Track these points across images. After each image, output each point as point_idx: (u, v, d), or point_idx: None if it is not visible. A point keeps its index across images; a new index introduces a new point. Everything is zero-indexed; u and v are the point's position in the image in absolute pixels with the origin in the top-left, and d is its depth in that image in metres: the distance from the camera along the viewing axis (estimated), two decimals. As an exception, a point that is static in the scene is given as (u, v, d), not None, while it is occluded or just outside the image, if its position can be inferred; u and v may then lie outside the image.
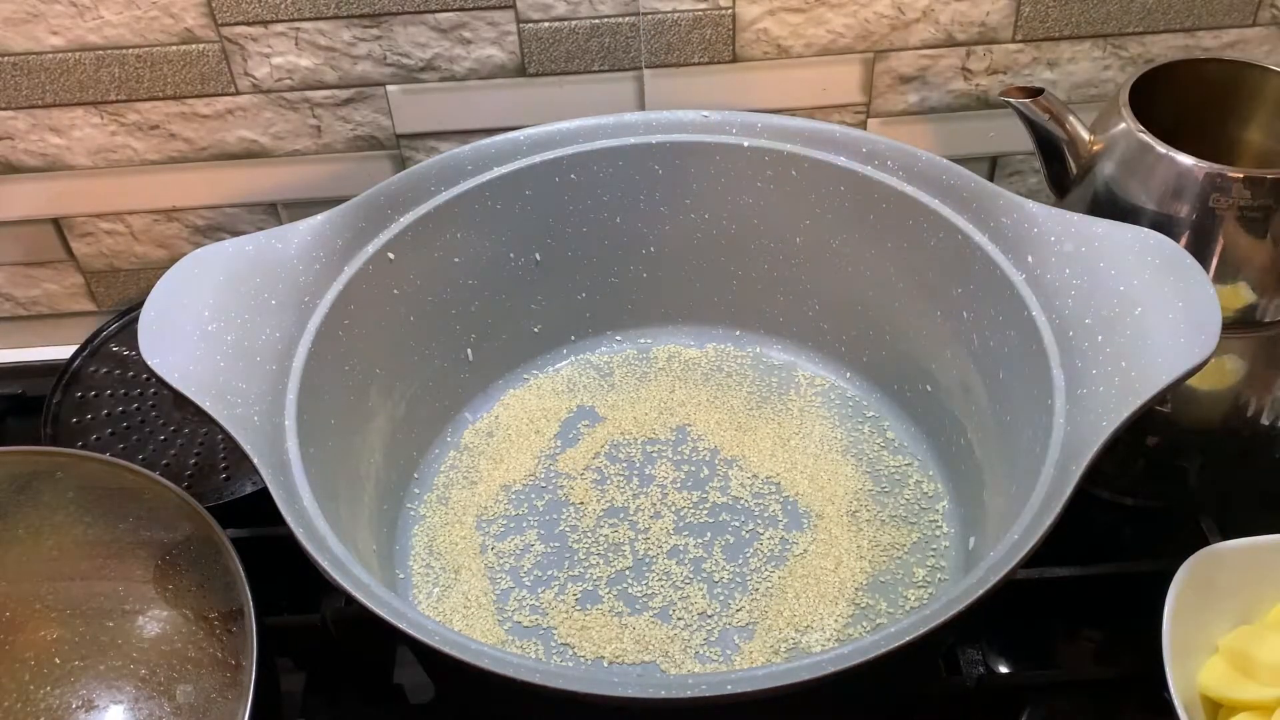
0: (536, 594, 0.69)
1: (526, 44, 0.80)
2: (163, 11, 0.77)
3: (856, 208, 0.72)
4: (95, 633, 0.58)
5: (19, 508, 0.64)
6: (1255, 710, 0.59)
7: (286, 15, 0.78)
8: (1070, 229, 0.64)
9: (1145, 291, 0.60)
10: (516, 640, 0.67)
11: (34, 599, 0.60)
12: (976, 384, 0.69)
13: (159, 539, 0.63)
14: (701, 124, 0.75)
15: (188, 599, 0.60)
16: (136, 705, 0.56)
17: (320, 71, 0.81)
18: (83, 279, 0.91)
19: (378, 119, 0.83)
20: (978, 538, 0.67)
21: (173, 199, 0.87)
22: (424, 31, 0.79)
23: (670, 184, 0.76)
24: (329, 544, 0.55)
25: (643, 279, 0.80)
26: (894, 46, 0.82)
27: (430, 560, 0.71)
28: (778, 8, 0.79)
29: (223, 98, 0.82)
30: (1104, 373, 0.58)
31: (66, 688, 0.56)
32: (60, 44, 0.79)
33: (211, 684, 0.57)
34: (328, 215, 0.69)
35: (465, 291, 0.75)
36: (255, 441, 0.58)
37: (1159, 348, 0.58)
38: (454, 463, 0.76)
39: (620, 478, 0.75)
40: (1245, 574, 0.63)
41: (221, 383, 0.60)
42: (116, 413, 0.81)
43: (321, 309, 0.66)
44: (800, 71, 0.82)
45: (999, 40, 0.82)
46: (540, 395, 0.80)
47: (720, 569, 0.69)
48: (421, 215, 0.71)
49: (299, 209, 0.86)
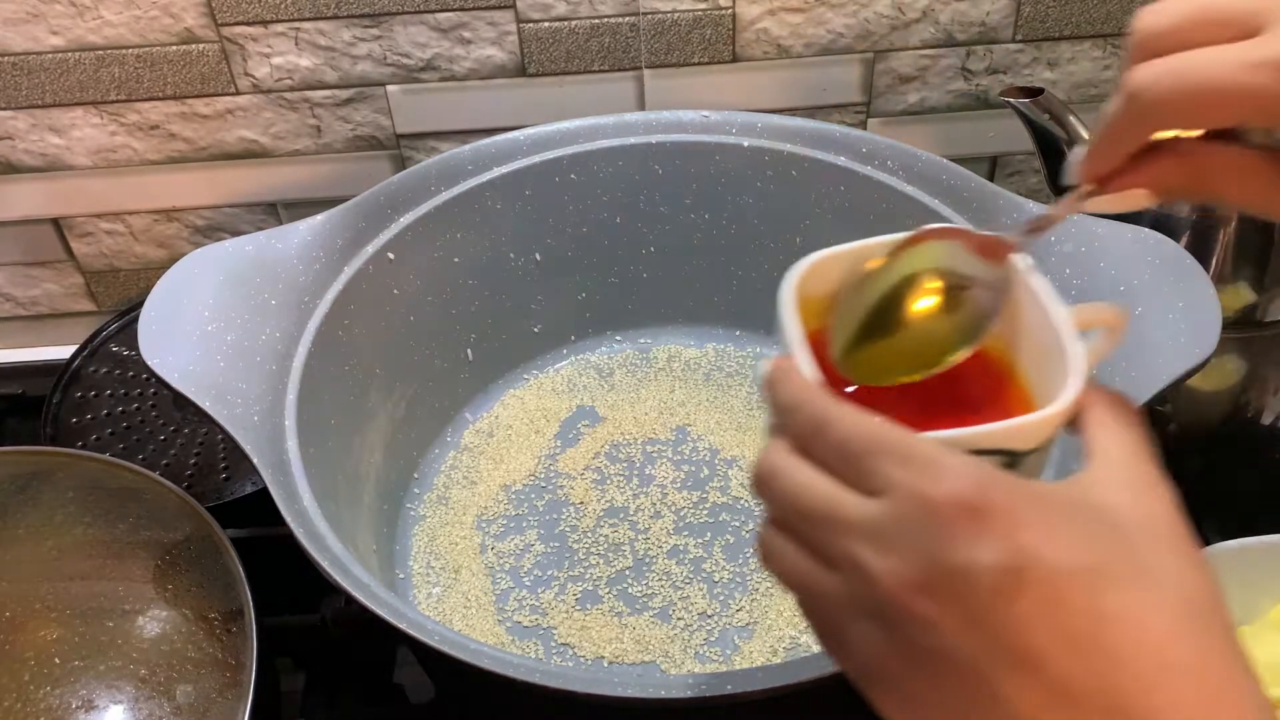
0: (536, 594, 0.69)
1: (526, 44, 0.80)
2: (163, 11, 0.77)
3: (856, 208, 0.72)
4: (95, 633, 0.58)
5: (19, 508, 0.64)
6: (1255, 710, 0.59)
7: (286, 15, 0.78)
8: (1070, 229, 0.64)
9: (1145, 291, 0.60)
10: (516, 640, 0.67)
11: (34, 599, 0.60)
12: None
13: (159, 539, 0.63)
14: (701, 124, 0.75)
15: (188, 599, 0.60)
16: (136, 705, 0.56)
17: (320, 71, 0.81)
18: (82, 279, 0.91)
19: (378, 119, 0.83)
20: (978, 538, 0.66)
21: (173, 199, 0.87)
22: (424, 31, 0.79)
23: (670, 184, 0.76)
24: (329, 544, 0.55)
25: (643, 279, 0.80)
26: (894, 46, 0.82)
27: (430, 560, 0.71)
28: (778, 8, 0.79)
29: (223, 98, 0.82)
30: (1104, 372, 0.58)
31: (66, 688, 0.56)
32: (60, 44, 0.79)
33: (211, 684, 0.57)
34: (327, 215, 0.69)
35: (465, 291, 0.75)
36: (255, 441, 0.58)
37: (1159, 348, 0.58)
38: (454, 463, 0.76)
39: (620, 478, 0.74)
40: (1246, 574, 0.63)
41: (221, 383, 0.60)
42: (116, 413, 0.81)
43: (321, 309, 0.66)
44: (800, 71, 0.82)
45: (999, 40, 0.82)
46: (540, 395, 0.80)
47: (720, 569, 0.69)
48: (421, 215, 0.71)
49: (299, 209, 0.86)
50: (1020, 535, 0.33)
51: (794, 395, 0.38)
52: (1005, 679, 0.33)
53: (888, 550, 0.34)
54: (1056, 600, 0.33)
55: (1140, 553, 0.35)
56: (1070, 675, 0.33)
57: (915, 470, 0.34)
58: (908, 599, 0.34)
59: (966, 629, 0.33)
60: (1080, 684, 0.33)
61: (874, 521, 0.35)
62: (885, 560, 0.34)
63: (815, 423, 0.37)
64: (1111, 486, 0.36)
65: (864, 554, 0.35)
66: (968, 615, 0.33)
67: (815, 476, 0.37)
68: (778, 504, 0.37)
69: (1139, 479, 0.37)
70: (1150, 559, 0.35)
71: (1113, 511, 0.36)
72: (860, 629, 0.36)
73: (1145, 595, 0.34)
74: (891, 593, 0.34)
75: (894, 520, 0.34)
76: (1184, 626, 0.34)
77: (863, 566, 0.35)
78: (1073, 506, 0.35)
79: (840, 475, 0.36)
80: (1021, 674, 0.33)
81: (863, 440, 0.36)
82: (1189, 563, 0.35)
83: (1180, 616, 0.34)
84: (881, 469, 0.35)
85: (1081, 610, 0.33)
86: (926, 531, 0.34)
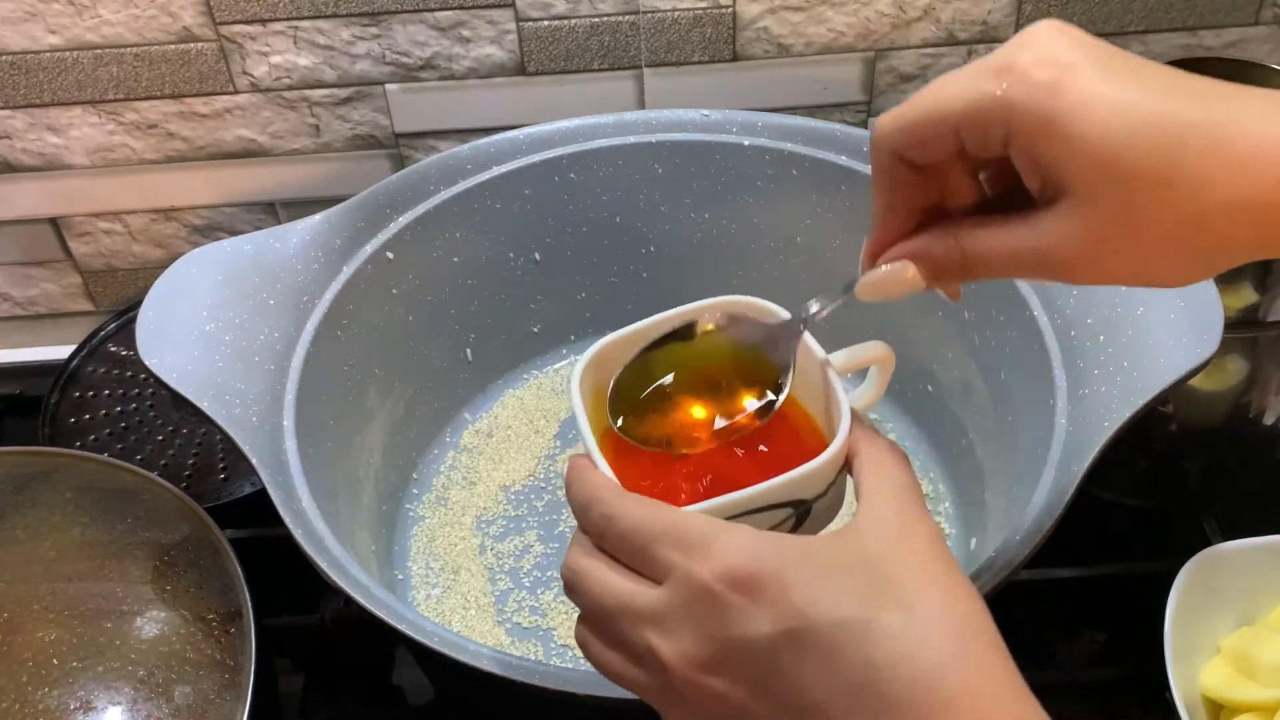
0: (536, 595, 0.69)
1: (526, 43, 0.80)
2: (161, 10, 0.77)
3: (857, 207, 0.72)
4: (93, 634, 0.58)
5: (17, 508, 0.63)
6: (1257, 711, 0.59)
7: (285, 14, 0.78)
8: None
9: (1147, 291, 0.60)
10: (516, 641, 0.67)
11: (32, 600, 0.60)
12: (978, 384, 0.68)
13: (157, 540, 0.62)
14: (701, 123, 0.75)
15: (186, 600, 0.60)
16: (135, 706, 0.56)
17: (319, 70, 0.81)
18: (81, 279, 0.91)
19: (376, 118, 0.83)
20: (979, 538, 0.66)
21: (171, 198, 0.87)
22: (423, 30, 0.79)
23: (670, 184, 0.76)
24: (327, 545, 0.55)
25: (643, 279, 0.79)
26: (895, 45, 0.82)
27: (429, 561, 0.71)
28: (778, 6, 0.79)
29: (221, 97, 0.82)
30: (1106, 373, 0.58)
31: (65, 689, 0.56)
32: (58, 43, 0.78)
33: (210, 685, 0.57)
34: (326, 215, 0.69)
35: (465, 291, 0.75)
36: (254, 442, 0.58)
37: (1161, 348, 0.58)
38: (453, 463, 0.76)
39: (620, 478, 0.74)
40: (1247, 575, 0.63)
41: (220, 383, 0.60)
42: (114, 413, 0.81)
43: (320, 309, 0.66)
44: (801, 70, 0.82)
45: (1000, 39, 0.81)
46: (540, 395, 0.80)
47: (720, 570, 0.69)
48: (420, 215, 0.71)
49: (297, 208, 0.86)
50: (791, 597, 0.35)
51: (586, 494, 0.40)
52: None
53: (675, 635, 0.37)
54: (831, 655, 0.35)
55: (905, 592, 0.36)
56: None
57: (688, 552, 0.37)
58: (698, 678, 0.36)
59: (755, 697, 0.36)
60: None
61: (660, 608, 0.37)
62: (674, 644, 0.37)
63: (604, 519, 0.39)
64: (877, 529, 0.38)
65: (655, 641, 0.37)
66: (753, 683, 0.36)
67: (609, 573, 0.39)
68: (582, 603, 0.40)
69: (901, 518, 0.39)
70: (914, 596, 0.36)
71: (878, 557, 0.37)
72: (673, 713, 0.38)
73: (912, 635, 0.35)
74: (683, 674, 0.36)
75: (677, 605, 0.37)
76: (955, 654, 0.35)
77: (655, 653, 0.37)
78: (840, 560, 0.37)
79: (631, 566, 0.39)
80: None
81: (644, 531, 0.38)
82: (952, 592, 0.37)
83: (950, 646, 0.35)
84: (661, 555, 0.37)
85: (856, 663, 0.35)
86: (704, 611, 0.36)
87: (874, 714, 0.35)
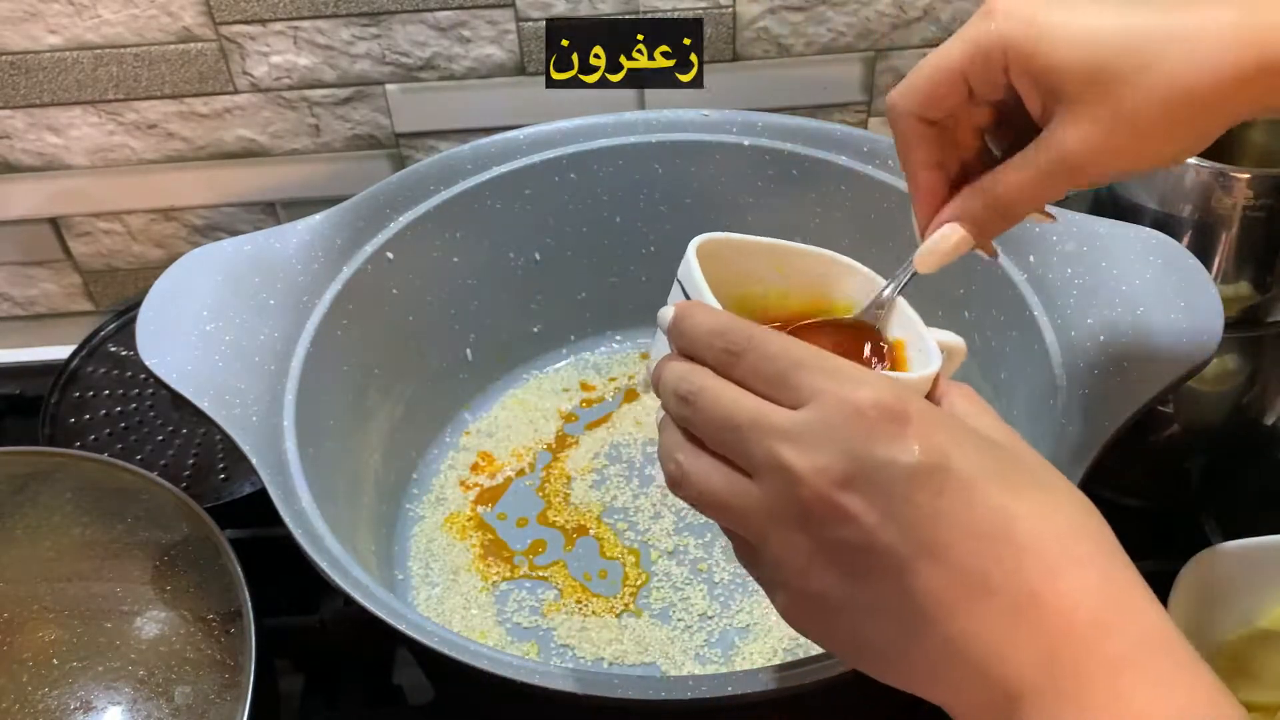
0: (536, 595, 0.69)
1: (526, 42, 0.80)
2: (161, 10, 0.77)
3: (857, 207, 0.72)
4: (93, 634, 0.58)
5: (17, 508, 0.63)
6: (1258, 711, 0.59)
7: (285, 14, 0.78)
8: (1072, 228, 0.64)
9: (1147, 291, 0.60)
10: (516, 641, 0.67)
11: (32, 600, 0.60)
12: (978, 384, 0.68)
13: (157, 540, 0.62)
14: (701, 123, 0.75)
15: (186, 600, 0.60)
16: (135, 706, 0.56)
17: (319, 70, 0.81)
18: (80, 279, 0.91)
19: (376, 118, 0.83)
20: (979, 538, 0.66)
21: (171, 198, 0.87)
22: (423, 30, 0.79)
23: (670, 184, 0.76)
24: (327, 545, 0.55)
25: (642, 279, 0.79)
26: (895, 45, 0.82)
27: (429, 561, 0.71)
28: (778, 6, 0.79)
29: (221, 97, 0.81)
30: (1106, 372, 0.58)
31: (65, 689, 0.56)
32: (58, 43, 0.78)
33: (210, 685, 0.57)
34: (326, 215, 0.69)
35: (465, 291, 0.75)
36: (254, 442, 0.58)
37: (1161, 347, 0.58)
38: (453, 463, 0.76)
39: (620, 478, 0.74)
40: (1247, 575, 0.63)
41: (220, 383, 0.60)
42: (114, 413, 0.81)
43: (320, 309, 0.66)
44: (801, 70, 0.82)
45: (1000, 39, 0.81)
46: (540, 395, 0.80)
47: (721, 570, 0.69)
48: (420, 215, 0.71)
49: (297, 208, 0.86)
50: (937, 438, 0.36)
51: (716, 322, 0.40)
52: (918, 572, 0.36)
53: (813, 450, 0.37)
54: (969, 498, 0.36)
55: (1034, 469, 0.38)
56: (980, 567, 0.35)
57: (839, 380, 0.37)
58: (832, 494, 0.36)
59: (885, 523, 0.36)
60: (990, 574, 0.35)
61: (800, 426, 0.37)
62: (811, 459, 0.36)
63: (740, 345, 0.39)
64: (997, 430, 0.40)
65: (789, 455, 0.37)
66: (888, 509, 0.36)
67: (741, 392, 0.39)
68: (703, 419, 0.39)
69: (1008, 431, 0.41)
70: (1042, 475, 0.38)
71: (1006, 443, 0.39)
72: (780, 536, 0.38)
73: (1045, 499, 0.37)
74: (816, 489, 0.36)
75: (820, 423, 0.37)
76: (1081, 528, 0.37)
77: (788, 468, 0.37)
78: (972, 429, 0.39)
79: (764, 393, 0.39)
80: (933, 565, 0.36)
81: (788, 358, 0.38)
82: (1071, 486, 0.39)
83: (1076, 521, 0.37)
84: (806, 381, 0.38)
85: (992, 508, 0.36)
86: (851, 431, 0.36)
87: (1003, 558, 0.35)
